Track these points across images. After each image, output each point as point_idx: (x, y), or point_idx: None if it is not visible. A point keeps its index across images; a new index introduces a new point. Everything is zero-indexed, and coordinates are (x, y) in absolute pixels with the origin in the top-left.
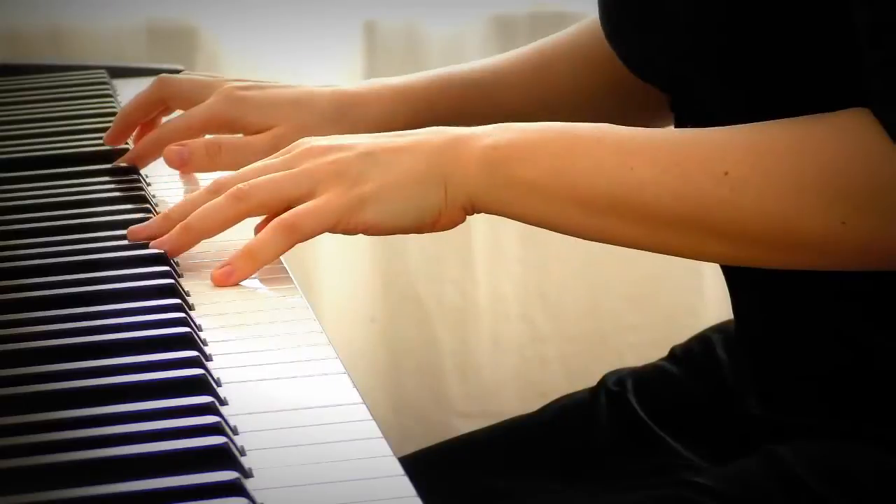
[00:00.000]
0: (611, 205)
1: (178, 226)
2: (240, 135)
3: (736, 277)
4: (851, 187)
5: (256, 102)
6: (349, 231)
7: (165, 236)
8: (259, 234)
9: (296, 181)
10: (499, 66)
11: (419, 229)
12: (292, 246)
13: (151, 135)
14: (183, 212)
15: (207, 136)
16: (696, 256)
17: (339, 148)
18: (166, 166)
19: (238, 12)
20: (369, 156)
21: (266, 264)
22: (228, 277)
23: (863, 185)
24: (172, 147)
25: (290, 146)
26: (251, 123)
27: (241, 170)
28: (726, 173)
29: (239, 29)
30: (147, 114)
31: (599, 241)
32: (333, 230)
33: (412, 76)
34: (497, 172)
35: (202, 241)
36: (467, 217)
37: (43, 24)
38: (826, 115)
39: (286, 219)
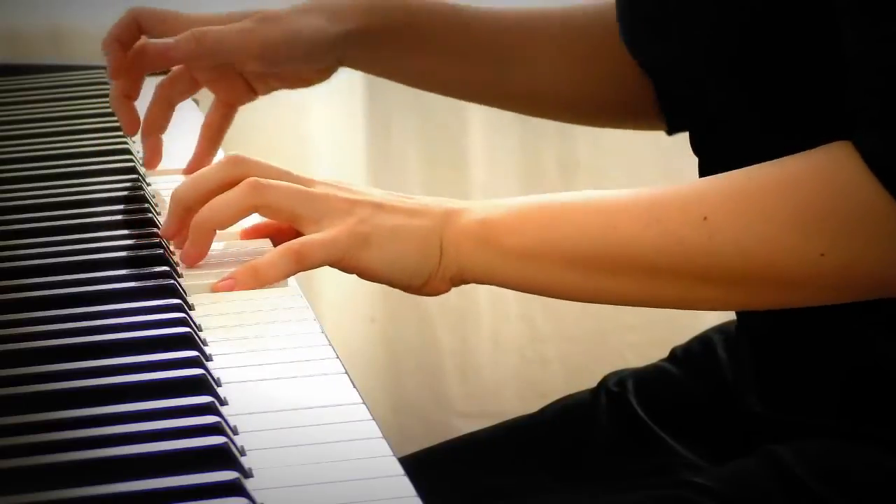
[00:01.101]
0: (598, 264)
1: (192, 224)
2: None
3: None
4: (827, 218)
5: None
6: (348, 269)
7: (187, 247)
8: (267, 256)
9: (311, 200)
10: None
11: (406, 287)
12: (296, 273)
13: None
14: (193, 193)
15: (190, 30)
16: (692, 306)
17: (354, 192)
18: (167, 165)
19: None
20: (380, 206)
21: (268, 285)
22: (229, 290)
23: (838, 214)
24: (150, 42)
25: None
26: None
27: (260, 161)
28: (705, 219)
29: None
30: (130, 39)
31: (598, 302)
32: (336, 265)
33: None
34: (488, 246)
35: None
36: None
37: (43, 24)
38: (802, 153)
39: (296, 246)
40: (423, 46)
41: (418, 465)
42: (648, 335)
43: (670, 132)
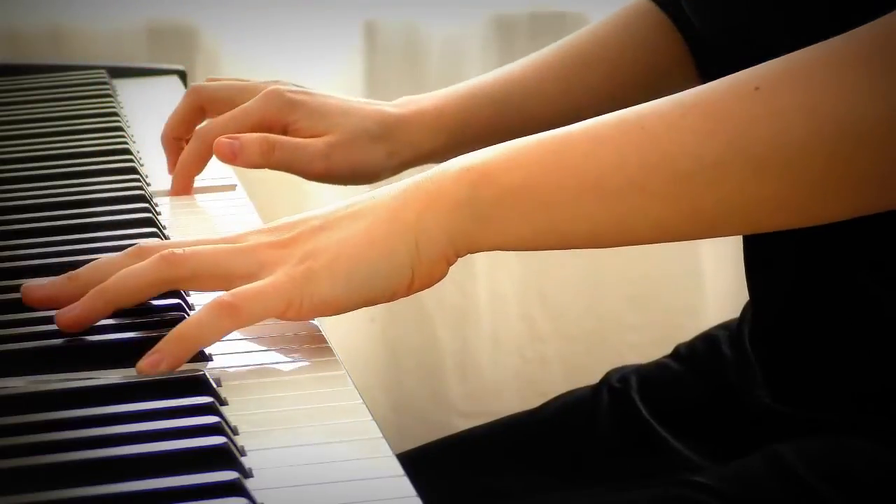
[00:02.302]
0: (627, 177)
1: (92, 290)
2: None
3: (755, 256)
4: None
5: (308, 107)
6: (303, 316)
7: (77, 302)
8: (194, 315)
9: (238, 257)
10: (524, 78)
11: (391, 297)
12: (232, 331)
13: (193, 144)
14: (93, 274)
15: (261, 134)
16: (738, 218)
17: (290, 227)
18: (167, 164)
19: (238, 12)
20: (321, 229)
21: (201, 349)
22: (155, 367)
23: None
24: (223, 139)
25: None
26: (301, 128)
27: (175, 240)
28: (757, 88)
29: (239, 29)
30: (189, 125)
31: (622, 240)
32: (284, 316)
33: (442, 95)
34: (479, 194)
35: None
36: (453, 265)
37: (43, 24)
38: None
39: (228, 300)
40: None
41: (417, 463)
42: (649, 335)
43: None
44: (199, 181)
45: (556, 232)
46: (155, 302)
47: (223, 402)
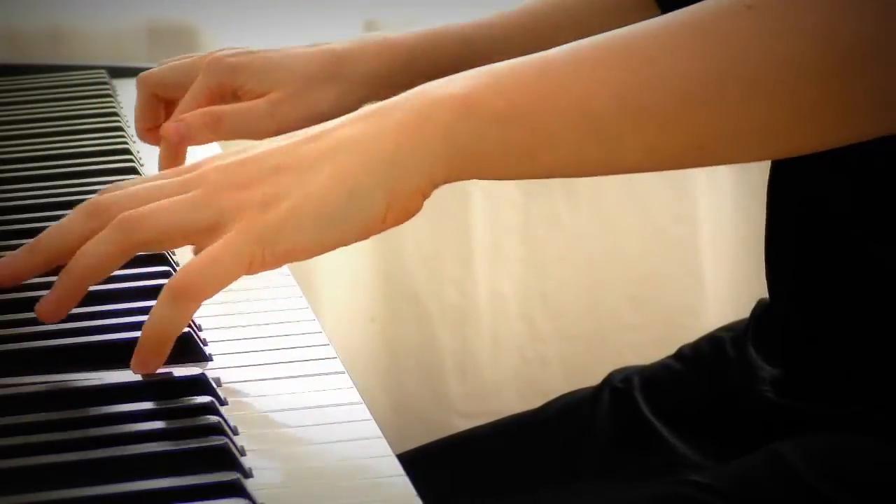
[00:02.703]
0: (618, 99)
1: (59, 276)
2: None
3: (777, 255)
4: None
5: (250, 68)
6: (268, 266)
7: (48, 293)
8: (152, 311)
9: (197, 209)
10: (492, 28)
11: (363, 235)
12: (194, 311)
13: (161, 147)
14: (52, 242)
15: (203, 109)
16: (734, 142)
17: (250, 162)
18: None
19: (238, 12)
20: (282, 170)
21: (175, 337)
22: (145, 368)
23: None
24: (168, 125)
25: (194, 164)
26: (249, 91)
27: (128, 189)
28: (749, 7)
29: (239, 29)
30: (154, 115)
31: (609, 167)
32: (250, 271)
33: (405, 32)
34: (462, 120)
35: None
36: (428, 198)
37: (43, 24)
38: None
39: (176, 282)
40: None
41: (417, 463)
42: (649, 335)
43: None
44: None
45: (541, 159)
46: (155, 302)
47: (223, 402)
